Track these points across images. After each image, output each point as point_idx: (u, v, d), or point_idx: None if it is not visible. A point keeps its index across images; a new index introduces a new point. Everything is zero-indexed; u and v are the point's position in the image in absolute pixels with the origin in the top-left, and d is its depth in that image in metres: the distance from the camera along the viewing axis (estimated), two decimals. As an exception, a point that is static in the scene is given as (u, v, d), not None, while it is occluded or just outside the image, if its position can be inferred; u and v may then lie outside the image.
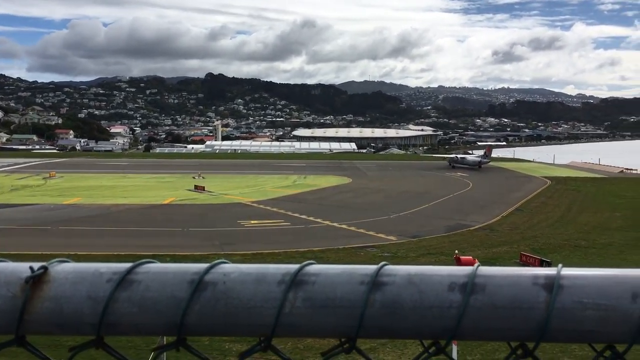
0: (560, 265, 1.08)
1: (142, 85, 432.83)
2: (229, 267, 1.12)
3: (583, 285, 1.04)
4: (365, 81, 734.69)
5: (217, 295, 1.07)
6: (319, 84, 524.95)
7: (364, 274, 1.08)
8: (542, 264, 30.66)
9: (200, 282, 1.08)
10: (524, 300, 1.03)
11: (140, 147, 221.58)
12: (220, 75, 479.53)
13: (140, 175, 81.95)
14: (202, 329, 1.09)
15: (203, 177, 75.42)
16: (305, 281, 1.08)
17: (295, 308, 1.06)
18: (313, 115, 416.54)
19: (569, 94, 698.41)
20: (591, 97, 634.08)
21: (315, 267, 1.11)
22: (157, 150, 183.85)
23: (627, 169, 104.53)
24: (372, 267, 1.09)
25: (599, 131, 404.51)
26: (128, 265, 1.11)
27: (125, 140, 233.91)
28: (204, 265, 1.11)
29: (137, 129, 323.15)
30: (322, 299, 1.06)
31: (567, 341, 1.05)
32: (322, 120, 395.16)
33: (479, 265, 1.09)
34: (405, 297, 1.05)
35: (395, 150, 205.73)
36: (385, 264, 1.11)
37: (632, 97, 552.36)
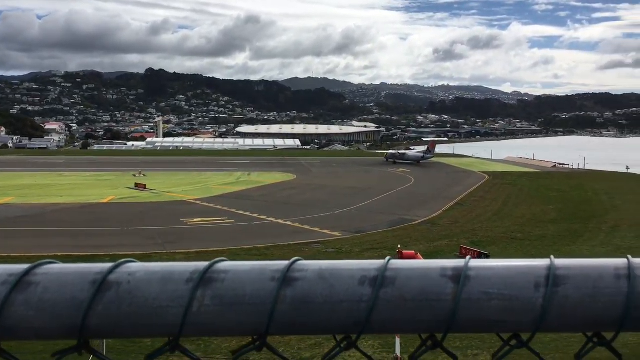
0: (468, 257, 1.11)
1: (78, 80, 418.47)
2: (135, 266, 1.09)
3: (489, 276, 1.06)
4: (309, 78, 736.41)
5: (121, 296, 1.04)
6: (263, 80, 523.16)
7: (275, 270, 1.07)
8: (480, 256, 31.63)
9: (103, 282, 1.04)
10: (432, 292, 1.05)
11: (77, 144, 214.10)
12: (161, 70, 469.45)
13: (78, 173, 79.20)
14: (106, 331, 1.05)
15: (144, 175, 73.68)
16: (215, 279, 1.06)
17: (204, 306, 1.04)
18: (257, 112, 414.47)
19: (505, 91, 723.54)
20: (526, 94, 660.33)
21: (226, 264, 1.09)
22: (96, 147, 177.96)
23: (560, 163, 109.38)
24: (284, 263, 1.08)
25: (533, 127, 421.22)
26: (26, 266, 1.07)
27: (61, 137, 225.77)
28: (108, 265, 1.07)
29: (74, 125, 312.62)
30: (232, 296, 1.05)
31: (475, 331, 1.07)
32: (266, 117, 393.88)
33: (390, 259, 1.10)
34: (316, 292, 1.05)
35: (339, 147, 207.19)
36: (298, 260, 1.10)
37: (564, 94, 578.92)
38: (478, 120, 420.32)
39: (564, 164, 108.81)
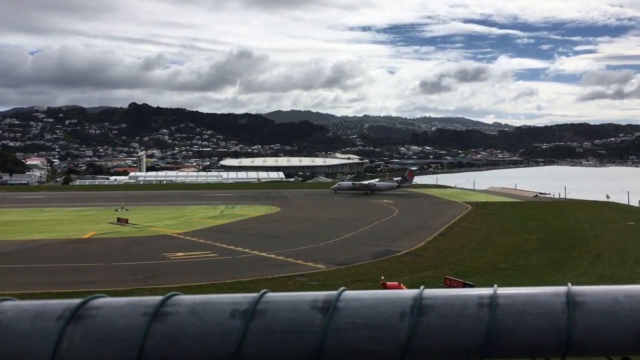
0: (341, 288, 1.13)
1: (60, 115, 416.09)
2: (8, 304, 1.09)
3: (357, 307, 1.08)
4: (293, 110, 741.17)
5: None
6: (246, 113, 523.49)
7: (148, 305, 1.08)
8: (465, 286, 31.61)
9: None
10: (301, 323, 1.07)
11: (59, 179, 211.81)
12: (145, 105, 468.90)
13: (59, 208, 78.28)
14: None
15: (126, 209, 73.09)
16: (87, 315, 1.07)
17: (74, 343, 1.04)
18: (240, 145, 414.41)
19: (486, 122, 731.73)
20: (507, 125, 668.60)
21: (100, 301, 1.10)
22: (77, 182, 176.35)
23: (541, 193, 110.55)
24: (158, 298, 1.10)
25: (514, 157, 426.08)
26: None
27: (42, 173, 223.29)
28: None
29: (56, 160, 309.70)
30: (102, 332, 1.05)
31: None
32: (249, 150, 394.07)
33: (265, 292, 1.12)
34: (186, 326, 1.06)
35: (323, 179, 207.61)
36: (175, 294, 1.12)
37: (543, 125, 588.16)
38: (460, 151, 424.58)
39: (546, 194, 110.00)
